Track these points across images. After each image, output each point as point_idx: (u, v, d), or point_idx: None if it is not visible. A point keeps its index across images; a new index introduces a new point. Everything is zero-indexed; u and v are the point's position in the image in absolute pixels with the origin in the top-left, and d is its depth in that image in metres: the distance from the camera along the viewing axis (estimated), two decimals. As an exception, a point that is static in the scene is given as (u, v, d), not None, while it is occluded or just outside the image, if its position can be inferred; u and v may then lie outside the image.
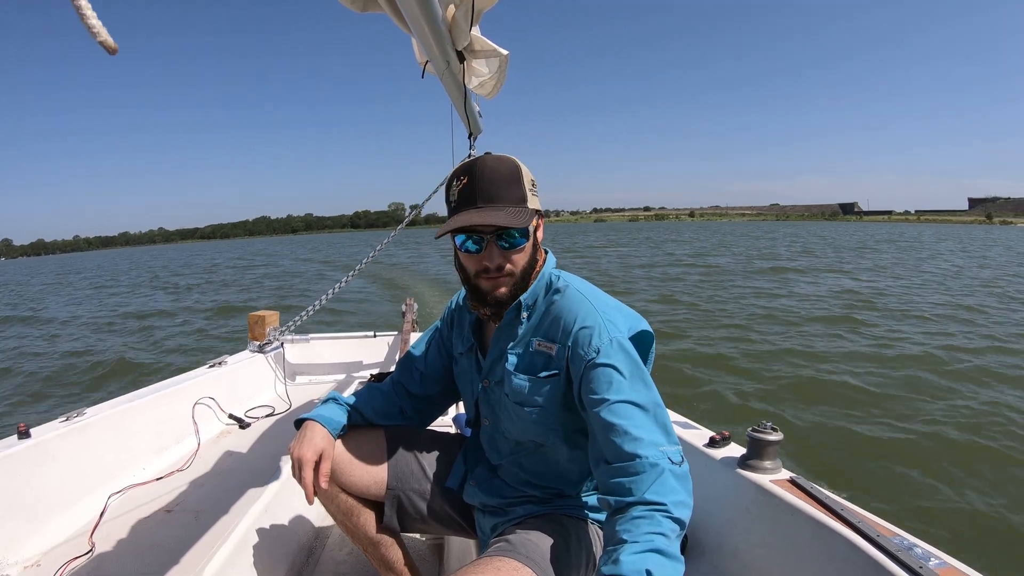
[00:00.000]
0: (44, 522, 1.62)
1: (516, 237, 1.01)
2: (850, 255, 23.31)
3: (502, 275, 1.03)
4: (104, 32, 0.52)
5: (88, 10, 0.51)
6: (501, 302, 1.05)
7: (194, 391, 2.41)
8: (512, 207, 0.99)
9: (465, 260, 1.05)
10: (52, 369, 7.74)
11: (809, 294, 11.46)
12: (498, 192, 0.99)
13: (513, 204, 0.99)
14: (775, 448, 1.29)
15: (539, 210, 1.05)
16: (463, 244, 1.02)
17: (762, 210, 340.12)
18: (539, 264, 1.09)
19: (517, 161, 1.04)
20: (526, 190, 1.01)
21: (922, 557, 0.93)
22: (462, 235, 1.02)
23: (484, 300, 1.05)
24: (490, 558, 0.95)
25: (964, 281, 13.80)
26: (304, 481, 1.07)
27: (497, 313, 1.09)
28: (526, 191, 1.01)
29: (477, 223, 0.97)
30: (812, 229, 77.89)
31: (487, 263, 1.01)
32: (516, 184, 1.00)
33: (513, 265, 1.02)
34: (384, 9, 1.36)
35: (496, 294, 1.04)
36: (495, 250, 1.01)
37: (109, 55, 0.55)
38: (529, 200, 1.01)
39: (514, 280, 1.04)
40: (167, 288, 19.88)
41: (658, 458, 0.89)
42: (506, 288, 1.03)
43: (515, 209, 0.99)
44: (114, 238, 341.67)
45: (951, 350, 6.37)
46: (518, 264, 1.03)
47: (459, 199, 1.01)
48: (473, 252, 1.02)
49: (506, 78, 1.90)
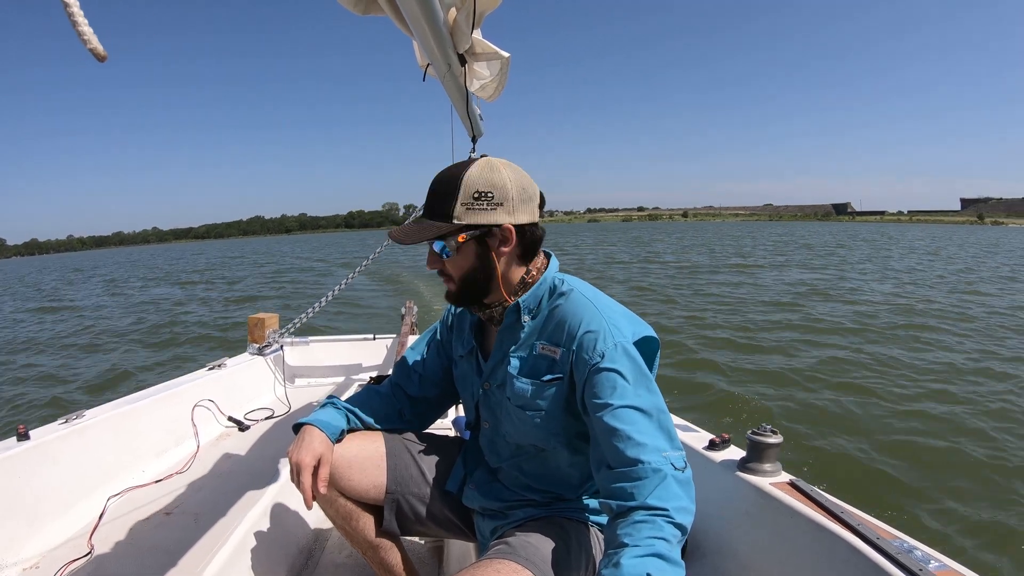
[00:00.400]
0: (43, 524, 1.62)
1: (444, 247, 1.05)
2: (822, 251, 25.11)
3: (444, 277, 1.10)
4: (94, 39, 0.53)
5: (80, 16, 0.51)
6: (450, 300, 1.12)
7: (193, 393, 2.40)
8: (435, 222, 1.04)
9: None
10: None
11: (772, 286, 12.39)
12: (431, 206, 1.05)
13: (438, 219, 1.03)
14: (775, 451, 1.29)
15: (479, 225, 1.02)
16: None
17: (755, 210, 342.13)
18: (533, 271, 1.09)
19: (472, 174, 1.02)
20: (456, 204, 1.01)
21: (922, 560, 0.93)
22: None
23: (446, 296, 1.13)
24: (490, 561, 0.95)
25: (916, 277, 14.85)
26: (303, 486, 1.07)
27: (491, 315, 1.11)
28: (456, 205, 1.01)
29: (392, 237, 1.10)
30: (795, 228, 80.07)
31: (427, 266, 1.10)
32: (447, 199, 1.02)
33: (447, 270, 1.08)
34: (385, 11, 1.37)
35: (447, 292, 1.12)
36: (431, 255, 1.08)
37: (98, 62, 0.55)
38: (459, 214, 1.01)
39: (456, 283, 1.08)
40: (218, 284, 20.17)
41: (661, 463, 0.89)
42: (450, 288, 1.10)
43: (432, 224, 1.04)
44: (108, 238, 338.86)
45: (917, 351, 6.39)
46: (456, 269, 1.07)
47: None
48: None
49: (507, 80, 1.91)
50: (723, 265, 19.25)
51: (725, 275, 16.04)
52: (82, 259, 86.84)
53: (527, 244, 1.07)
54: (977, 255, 24.25)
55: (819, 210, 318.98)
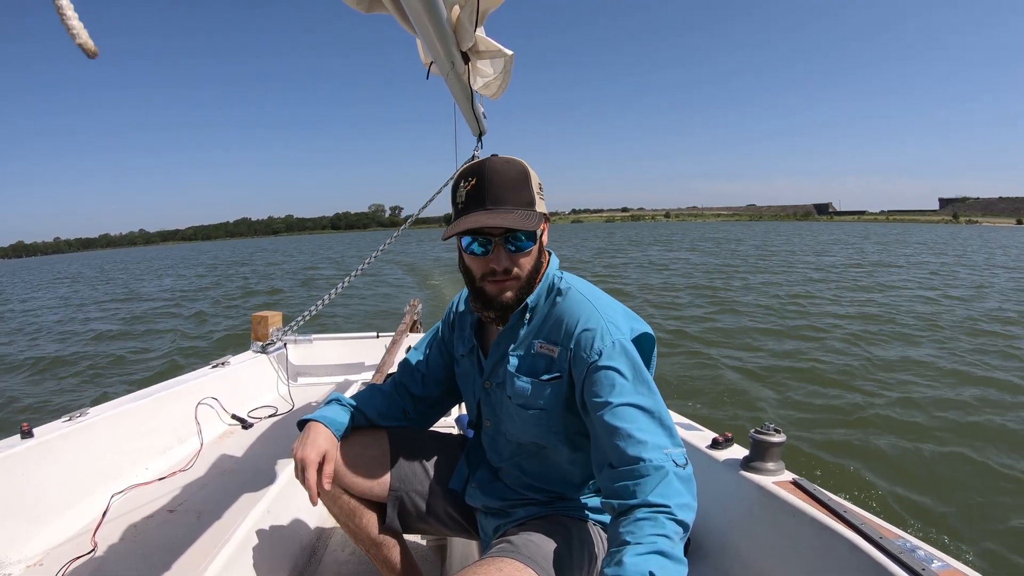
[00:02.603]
0: (46, 521, 1.62)
1: (523, 240, 1.00)
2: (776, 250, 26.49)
3: (508, 278, 1.02)
4: (84, 34, 0.49)
5: (69, 10, 0.48)
6: (507, 306, 1.04)
7: (197, 391, 2.41)
8: (521, 210, 0.98)
9: (471, 262, 1.03)
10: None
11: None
12: (507, 194, 0.98)
13: (522, 207, 0.98)
14: (778, 450, 1.29)
15: (545, 213, 1.04)
16: (469, 246, 1.01)
17: (737, 210, 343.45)
18: (543, 267, 1.09)
19: (525, 164, 1.03)
20: (534, 193, 1.01)
21: (924, 559, 0.93)
22: (468, 237, 1.00)
23: (490, 304, 1.04)
24: (492, 559, 0.95)
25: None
26: (307, 482, 1.07)
27: (502, 317, 1.08)
28: (534, 194, 1.01)
29: (487, 224, 0.95)
30: (766, 228, 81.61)
31: (494, 266, 1.00)
32: (525, 187, 1.00)
33: (520, 269, 1.01)
34: (389, 10, 1.36)
35: (502, 298, 1.02)
36: (503, 253, 1.00)
37: (88, 58, 0.51)
38: (537, 203, 1.01)
39: (520, 284, 1.03)
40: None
41: (662, 461, 0.89)
42: (512, 292, 1.03)
43: (524, 212, 0.98)
44: (95, 240, 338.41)
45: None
46: (524, 268, 1.02)
47: (467, 200, 0.99)
48: (479, 255, 1.01)
49: (511, 78, 1.90)
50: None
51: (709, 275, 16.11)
52: (95, 258, 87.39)
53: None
54: (934, 248, 25.41)
55: (799, 210, 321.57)
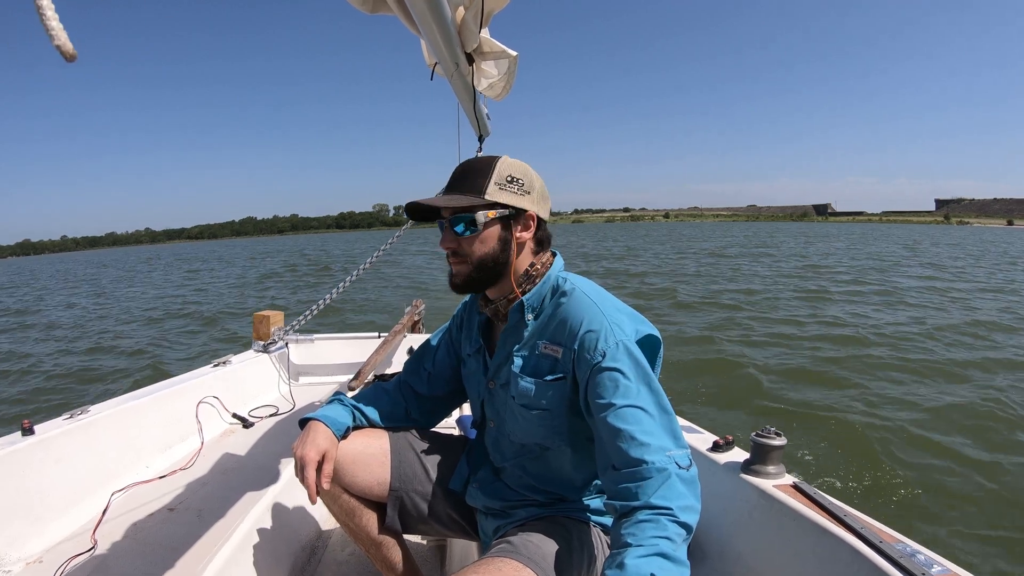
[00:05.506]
0: (46, 519, 1.62)
1: (463, 225, 1.03)
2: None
3: (459, 260, 1.07)
4: (63, 35, 0.47)
5: (50, 10, 0.46)
6: (458, 285, 1.08)
7: (198, 390, 2.41)
8: (465, 195, 1.03)
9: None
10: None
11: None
12: (461, 182, 1.05)
13: (470, 193, 1.03)
14: (779, 453, 1.29)
15: (509, 205, 1.04)
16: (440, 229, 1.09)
17: (737, 211, 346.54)
18: (537, 264, 1.10)
19: (508, 160, 1.07)
20: (490, 182, 1.03)
21: (925, 564, 0.93)
22: (440, 221, 1.08)
23: (451, 283, 1.10)
24: (492, 559, 0.95)
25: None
26: (307, 481, 1.08)
27: (495, 310, 1.11)
28: (489, 183, 1.03)
29: (421, 203, 1.06)
30: (758, 229, 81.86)
31: (441, 245, 1.07)
32: (481, 176, 1.03)
33: (469, 252, 1.05)
34: (393, 10, 1.37)
35: (453, 275, 1.08)
36: (448, 234, 1.06)
37: (66, 61, 0.48)
38: (491, 192, 1.03)
39: (470, 267, 1.06)
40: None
41: (665, 463, 0.89)
42: (462, 272, 1.07)
43: (464, 197, 1.03)
44: (101, 238, 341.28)
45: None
46: (474, 252, 1.05)
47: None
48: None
49: (516, 79, 1.90)
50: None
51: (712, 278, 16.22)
52: (101, 257, 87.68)
53: (541, 237, 1.10)
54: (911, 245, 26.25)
55: (798, 211, 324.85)
